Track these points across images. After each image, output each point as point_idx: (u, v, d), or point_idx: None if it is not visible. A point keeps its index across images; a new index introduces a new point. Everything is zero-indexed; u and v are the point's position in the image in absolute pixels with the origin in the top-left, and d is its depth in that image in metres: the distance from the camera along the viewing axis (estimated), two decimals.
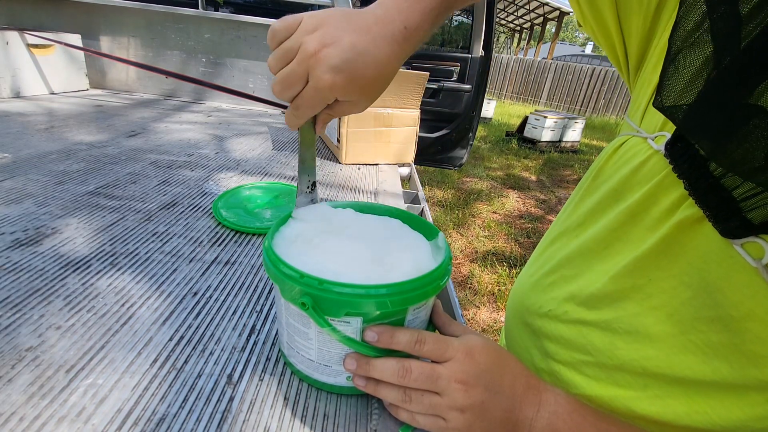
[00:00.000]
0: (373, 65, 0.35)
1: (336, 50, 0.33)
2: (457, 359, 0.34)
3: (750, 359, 0.28)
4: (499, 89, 12.12)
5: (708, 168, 0.28)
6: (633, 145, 0.38)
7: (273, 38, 0.35)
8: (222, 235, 0.69)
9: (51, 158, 0.93)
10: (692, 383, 0.30)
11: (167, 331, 0.46)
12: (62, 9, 1.71)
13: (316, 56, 0.33)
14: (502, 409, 0.34)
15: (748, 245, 0.27)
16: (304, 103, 0.36)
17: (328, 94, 0.35)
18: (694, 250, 0.30)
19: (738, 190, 0.26)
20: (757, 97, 0.23)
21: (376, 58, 0.34)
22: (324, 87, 0.34)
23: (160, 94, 1.86)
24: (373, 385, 0.36)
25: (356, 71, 0.34)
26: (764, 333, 0.27)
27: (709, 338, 0.29)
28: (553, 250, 0.45)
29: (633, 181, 0.36)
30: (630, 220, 0.35)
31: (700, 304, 0.30)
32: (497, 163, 4.97)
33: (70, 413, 0.35)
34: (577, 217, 0.43)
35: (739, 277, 0.27)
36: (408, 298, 0.34)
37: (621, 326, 0.35)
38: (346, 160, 1.13)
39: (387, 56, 0.35)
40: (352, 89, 0.35)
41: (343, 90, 0.35)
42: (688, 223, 0.30)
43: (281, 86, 0.36)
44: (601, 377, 0.36)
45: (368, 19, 0.35)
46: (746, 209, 0.26)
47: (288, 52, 0.34)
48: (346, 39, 0.33)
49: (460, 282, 2.42)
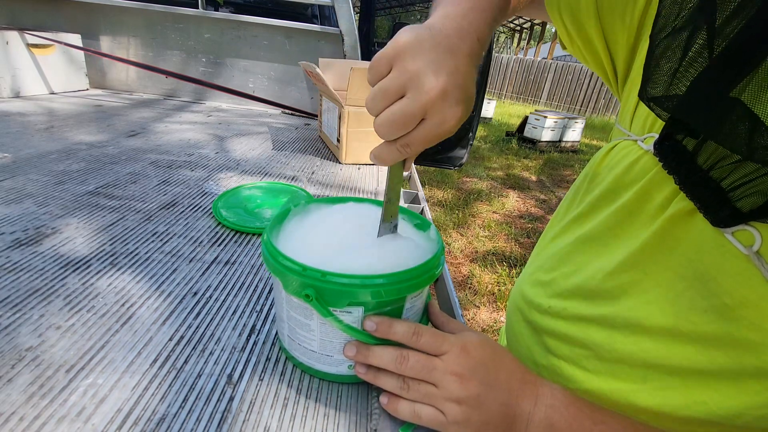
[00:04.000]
0: (471, 84, 0.34)
1: (453, 81, 0.32)
2: (452, 353, 0.36)
3: (745, 347, 0.28)
4: (499, 89, 12.12)
5: (695, 162, 0.29)
6: (623, 147, 0.39)
7: (371, 78, 0.34)
8: (222, 235, 0.69)
9: (51, 158, 0.93)
10: (690, 373, 0.31)
11: (167, 331, 0.46)
12: (62, 9, 1.71)
13: (437, 91, 0.31)
14: (499, 402, 0.34)
15: (739, 233, 0.28)
16: (417, 141, 0.33)
17: (453, 130, 0.33)
18: (688, 242, 0.31)
19: (726, 181, 0.27)
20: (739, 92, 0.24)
21: (470, 76, 0.34)
22: (451, 124, 0.33)
23: (160, 94, 1.86)
24: (373, 373, 0.38)
25: (468, 94, 0.33)
26: (758, 319, 0.27)
27: (704, 329, 0.30)
28: (552, 249, 0.46)
29: (626, 180, 0.37)
30: (626, 217, 0.36)
31: (694, 294, 0.30)
32: (497, 163, 4.97)
33: (70, 413, 0.35)
34: (574, 215, 0.44)
35: (732, 265, 0.28)
36: (409, 287, 0.36)
37: (619, 321, 0.35)
38: (346, 160, 1.13)
39: (472, 72, 0.34)
40: (466, 113, 0.34)
41: (462, 119, 0.33)
42: (680, 216, 0.31)
43: (394, 127, 0.33)
44: (600, 371, 0.36)
45: (450, 38, 0.34)
46: (735, 199, 0.27)
47: (392, 90, 0.32)
48: (450, 64, 0.32)
49: (460, 282, 2.42)
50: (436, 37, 0.33)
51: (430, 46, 0.32)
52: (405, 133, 0.33)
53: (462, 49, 0.34)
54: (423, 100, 0.31)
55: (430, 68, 0.31)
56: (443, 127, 0.33)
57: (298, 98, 1.82)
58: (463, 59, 0.33)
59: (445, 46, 0.33)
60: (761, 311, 0.27)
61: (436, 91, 0.31)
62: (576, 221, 0.43)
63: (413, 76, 0.31)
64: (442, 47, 0.33)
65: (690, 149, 0.29)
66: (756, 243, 0.27)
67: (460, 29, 0.34)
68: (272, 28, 1.71)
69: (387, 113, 0.33)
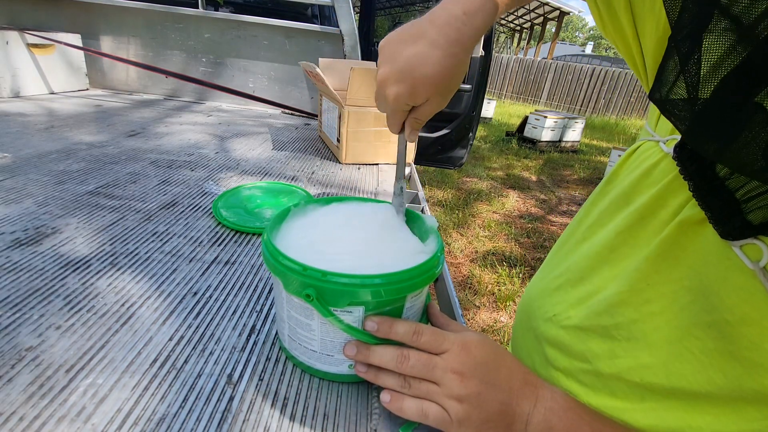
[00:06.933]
0: (432, 65, 0.39)
1: (392, 67, 0.41)
2: (452, 351, 0.35)
3: (745, 368, 0.27)
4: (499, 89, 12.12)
5: (714, 169, 0.27)
6: (646, 149, 0.38)
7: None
8: (222, 235, 0.69)
9: (51, 158, 0.93)
10: (688, 396, 0.30)
11: (167, 331, 0.46)
12: (62, 9, 1.71)
13: (381, 76, 0.42)
14: (499, 401, 0.34)
15: (747, 247, 0.27)
16: (388, 112, 0.44)
17: (397, 104, 0.42)
18: (695, 253, 0.30)
19: (740, 191, 0.26)
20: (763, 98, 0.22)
21: (433, 58, 0.39)
22: (391, 99, 0.42)
23: (160, 94, 1.86)
24: (373, 372, 0.38)
25: (416, 77, 0.40)
26: (759, 339, 0.26)
27: (706, 345, 0.29)
28: (561, 255, 0.45)
29: (643, 185, 0.36)
30: (638, 223, 0.35)
31: (698, 308, 0.29)
32: (497, 163, 4.97)
33: (70, 413, 0.35)
34: (587, 220, 0.43)
35: (736, 279, 0.27)
36: (409, 286, 0.37)
37: (620, 333, 0.34)
38: (346, 160, 1.13)
39: (445, 51, 0.39)
40: (420, 92, 0.41)
41: (410, 96, 0.41)
42: (688, 224, 0.30)
43: (376, 101, 0.46)
44: (597, 386, 0.36)
45: (422, 25, 0.40)
46: (747, 210, 0.26)
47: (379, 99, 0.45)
48: (404, 53, 0.40)
49: (460, 282, 2.42)
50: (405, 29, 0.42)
51: (396, 39, 0.42)
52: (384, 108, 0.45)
53: (431, 33, 0.39)
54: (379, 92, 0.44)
55: (384, 59, 0.42)
56: (393, 104, 0.42)
57: (298, 98, 1.82)
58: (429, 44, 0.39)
59: (408, 35, 0.41)
60: (762, 330, 0.26)
61: (381, 83, 0.42)
62: (588, 225, 0.42)
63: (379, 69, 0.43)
64: (405, 36, 0.41)
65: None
66: (764, 258, 0.26)
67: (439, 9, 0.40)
68: (272, 28, 1.71)
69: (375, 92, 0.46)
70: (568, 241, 0.45)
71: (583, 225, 0.43)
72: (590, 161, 5.43)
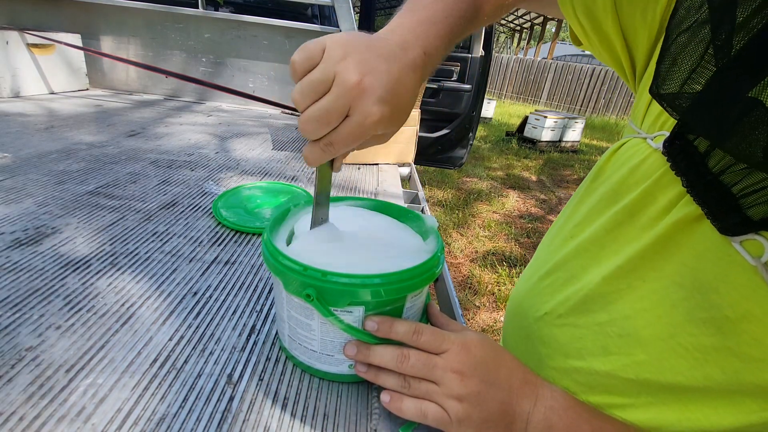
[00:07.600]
0: (406, 93, 0.34)
1: (377, 80, 0.31)
2: (453, 351, 0.35)
3: (745, 363, 0.27)
4: (499, 89, 12.12)
5: (706, 165, 0.27)
6: (632, 145, 0.37)
7: (295, 71, 0.32)
8: (222, 234, 0.69)
9: (51, 158, 0.93)
10: (684, 390, 0.30)
11: (167, 331, 0.46)
12: (62, 9, 1.71)
13: (359, 87, 0.31)
14: (499, 400, 0.34)
15: (747, 243, 0.26)
16: (340, 140, 0.33)
17: (374, 128, 0.33)
18: (689, 249, 0.30)
19: (737, 187, 0.26)
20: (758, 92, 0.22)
21: (408, 86, 0.34)
22: (372, 121, 0.32)
23: (160, 94, 1.86)
24: (373, 372, 0.38)
25: (399, 100, 0.33)
26: (761, 335, 0.26)
27: (701, 341, 0.29)
28: (549, 253, 0.45)
29: (631, 181, 0.35)
30: (627, 219, 0.35)
31: (692, 305, 0.29)
32: (497, 163, 4.97)
33: (70, 413, 0.35)
34: (575, 218, 0.42)
35: (737, 276, 0.27)
36: (409, 286, 0.37)
37: (613, 330, 0.34)
38: (345, 160, 1.12)
39: (414, 83, 0.34)
40: (395, 120, 0.34)
41: (389, 122, 0.33)
42: (685, 221, 0.30)
43: (317, 124, 0.32)
44: (593, 384, 0.36)
45: (391, 46, 0.34)
46: (746, 206, 0.25)
47: (320, 84, 0.31)
48: (382, 67, 0.32)
49: (460, 282, 2.42)
50: (374, 43, 0.33)
51: (365, 47, 0.32)
52: (329, 131, 0.32)
53: (401, 59, 0.34)
54: (342, 94, 0.31)
55: (357, 65, 0.31)
56: (365, 125, 0.32)
57: None
58: (400, 67, 0.33)
59: (380, 51, 0.33)
60: (765, 326, 0.26)
61: (356, 84, 0.31)
62: (576, 223, 0.42)
63: (339, 71, 0.31)
64: (377, 52, 0.33)
65: (701, 150, 0.28)
66: (765, 254, 0.25)
67: (403, 42, 0.34)
68: (272, 28, 1.71)
69: (311, 109, 0.32)
70: (555, 238, 0.45)
71: (570, 222, 0.43)
72: (590, 161, 5.42)
